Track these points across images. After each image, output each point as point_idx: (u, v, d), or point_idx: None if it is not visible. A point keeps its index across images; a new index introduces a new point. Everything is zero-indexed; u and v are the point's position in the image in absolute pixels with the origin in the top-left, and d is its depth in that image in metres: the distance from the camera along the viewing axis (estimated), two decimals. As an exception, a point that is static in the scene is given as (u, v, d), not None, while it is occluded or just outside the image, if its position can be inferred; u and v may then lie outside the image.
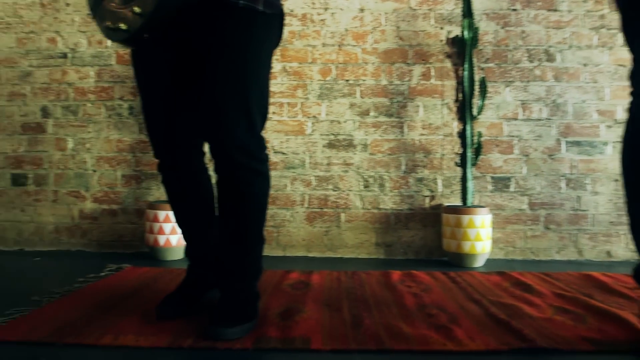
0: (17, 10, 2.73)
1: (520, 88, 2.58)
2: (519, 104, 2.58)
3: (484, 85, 2.38)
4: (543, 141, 2.58)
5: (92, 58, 2.69)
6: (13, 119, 2.72)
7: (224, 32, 1.26)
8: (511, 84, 2.58)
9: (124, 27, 1.23)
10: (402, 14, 2.60)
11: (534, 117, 2.58)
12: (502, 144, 2.57)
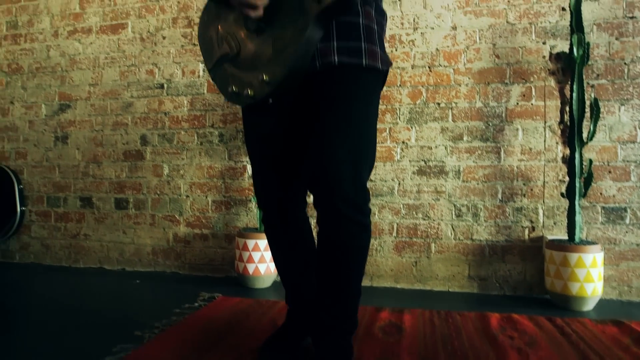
0: (120, 46, 2.92)
1: (637, 107, 2.29)
2: (636, 125, 2.29)
3: (596, 106, 2.13)
4: (667, 166, 2.26)
5: (185, 88, 2.80)
6: (116, 147, 2.91)
7: (334, 87, 1.27)
8: (627, 102, 2.30)
9: (251, 93, 1.26)
10: (499, 30, 2.42)
11: (655, 139, 2.28)
12: (616, 170, 2.30)
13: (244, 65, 1.29)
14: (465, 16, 2.45)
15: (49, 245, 3.03)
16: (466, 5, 2.45)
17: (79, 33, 3.00)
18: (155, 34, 2.86)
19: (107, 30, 2.94)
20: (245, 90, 1.27)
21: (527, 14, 2.39)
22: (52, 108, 3.04)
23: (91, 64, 2.96)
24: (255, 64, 1.28)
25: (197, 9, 2.77)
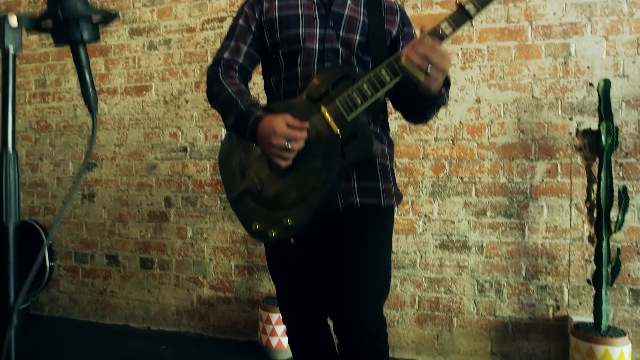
0: (144, 108, 2.96)
1: (669, 186, 2.23)
2: (667, 205, 2.24)
3: (625, 196, 2.09)
4: (698, 249, 2.21)
5: (208, 152, 2.83)
6: (141, 207, 2.97)
7: (356, 228, 1.36)
8: (657, 181, 2.25)
9: (274, 234, 1.33)
10: (524, 104, 2.38)
11: (686, 220, 2.22)
12: (644, 250, 2.25)
13: (267, 204, 1.36)
14: (489, 89, 2.42)
15: (77, 300, 3.11)
16: (490, 79, 2.42)
17: (104, 93, 3.05)
18: (178, 97, 2.89)
19: (132, 91, 2.99)
20: (270, 230, 1.33)
21: (553, 88, 2.35)
22: (79, 166, 3.11)
23: (116, 125, 3.02)
24: (278, 204, 1.34)
25: (219, 74, 2.79)
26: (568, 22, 2.33)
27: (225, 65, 1.45)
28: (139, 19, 2.98)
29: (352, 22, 1.41)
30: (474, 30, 2.43)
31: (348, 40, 1.40)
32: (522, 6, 2.38)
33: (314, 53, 1.39)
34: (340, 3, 1.42)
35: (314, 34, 1.40)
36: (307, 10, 1.42)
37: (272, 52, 1.46)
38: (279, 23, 1.42)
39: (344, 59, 1.40)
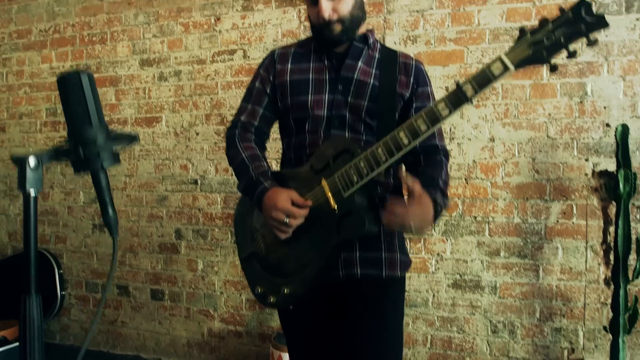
0: (154, 139, 2.96)
1: (687, 230, 2.20)
2: (685, 249, 2.20)
3: (643, 243, 2.06)
4: None
5: (219, 185, 2.83)
6: (152, 239, 2.97)
7: (360, 300, 1.37)
8: (675, 225, 2.21)
9: (273, 300, 1.38)
10: (539, 144, 2.35)
11: None
12: (661, 294, 2.22)
13: (270, 269, 1.40)
14: (503, 128, 2.39)
15: (88, 329, 3.12)
16: (505, 117, 2.39)
17: (115, 124, 3.05)
18: (188, 129, 2.88)
19: (142, 122, 2.99)
20: (269, 296, 1.37)
21: (569, 128, 2.32)
22: (89, 196, 3.12)
23: (127, 155, 3.02)
24: (279, 271, 1.40)
25: (230, 107, 2.78)
26: (584, 61, 2.29)
27: (242, 127, 1.48)
28: (149, 49, 2.98)
29: (361, 87, 1.39)
30: (488, 68, 2.40)
31: (356, 106, 1.39)
32: (538, 44, 2.34)
33: (322, 120, 1.39)
34: (350, 65, 1.41)
35: (323, 100, 1.40)
36: (317, 75, 1.42)
37: (284, 115, 1.47)
38: (290, 88, 1.43)
39: (350, 126, 1.39)
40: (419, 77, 1.45)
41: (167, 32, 2.94)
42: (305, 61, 1.45)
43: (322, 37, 1.38)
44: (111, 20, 3.07)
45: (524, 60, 1.08)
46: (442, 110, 1.14)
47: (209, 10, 2.85)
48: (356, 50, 1.42)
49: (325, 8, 1.32)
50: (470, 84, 1.11)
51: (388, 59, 1.45)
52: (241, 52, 2.78)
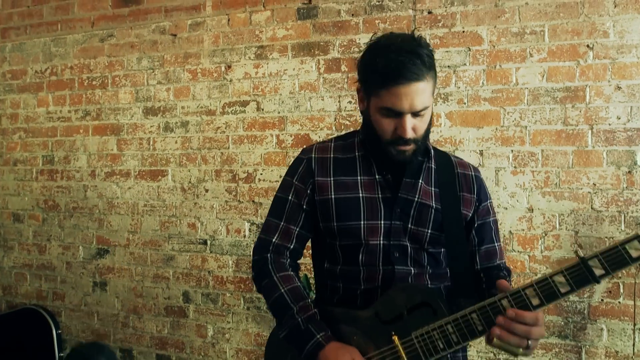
0: (160, 194, 2.75)
1: None
2: None
3: None
4: None
5: (230, 247, 2.62)
6: (157, 301, 2.76)
7: None
8: None
9: None
10: (583, 216, 2.16)
11: None
12: None
13: None
14: (543, 197, 2.20)
15: (89, 393, 2.92)
16: (545, 186, 2.20)
17: (116, 176, 2.84)
18: (197, 185, 2.68)
19: (146, 175, 2.78)
20: None
21: (616, 200, 2.13)
22: (89, 251, 2.91)
23: (130, 210, 2.81)
24: None
25: (242, 163, 2.58)
26: (634, 127, 2.10)
27: (275, 251, 1.27)
28: (153, 97, 2.76)
29: (423, 212, 1.20)
30: (526, 132, 2.20)
31: (418, 235, 1.20)
32: (582, 107, 2.14)
33: (378, 250, 1.19)
34: (410, 184, 1.20)
35: (378, 227, 1.19)
36: (369, 192, 1.21)
37: (327, 237, 1.26)
38: (336, 209, 1.21)
39: (412, 257, 1.20)
40: (480, 191, 1.27)
41: (174, 79, 2.72)
42: (351, 172, 1.23)
43: (387, 155, 1.16)
44: (112, 64, 2.85)
45: None
46: (560, 285, 0.98)
47: (219, 57, 2.64)
48: (415, 164, 1.21)
49: (409, 126, 1.10)
50: (599, 262, 0.95)
51: (444, 170, 1.25)
52: (254, 104, 2.58)
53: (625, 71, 2.09)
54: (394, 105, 1.08)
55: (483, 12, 2.23)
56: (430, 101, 1.12)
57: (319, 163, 1.26)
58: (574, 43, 2.13)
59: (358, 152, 1.26)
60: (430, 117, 1.15)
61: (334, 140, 1.33)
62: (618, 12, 2.08)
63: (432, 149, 1.29)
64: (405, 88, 1.06)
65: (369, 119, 1.18)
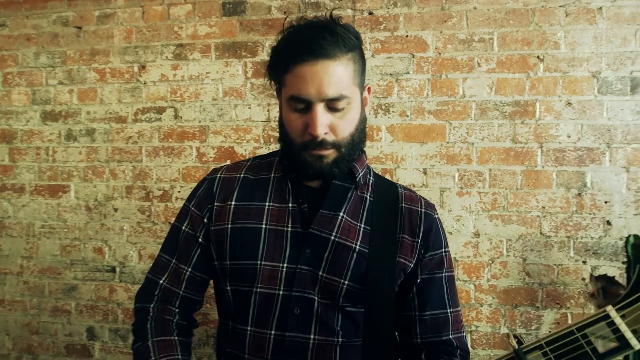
0: (60, 213, 2.35)
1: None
2: (690, 367, 1.92)
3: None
4: None
5: (143, 275, 2.27)
6: (57, 338, 2.36)
7: None
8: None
9: None
10: (531, 242, 1.99)
11: None
12: (665, 419, 1.92)
13: None
14: (490, 221, 2.01)
15: None
16: (492, 208, 2.01)
17: (8, 191, 2.41)
18: (104, 203, 2.30)
19: (44, 191, 2.37)
20: None
21: (565, 225, 1.97)
22: (-26, 281, 2.45)
23: (24, 231, 2.38)
24: None
25: (157, 179, 2.23)
26: (584, 146, 1.95)
27: (161, 299, 0.98)
28: (53, 99, 2.35)
29: (341, 255, 0.90)
30: (473, 149, 2.01)
31: (331, 286, 0.89)
32: (532, 124, 1.98)
33: (274, 303, 0.89)
34: (327, 218, 0.91)
35: (278, 271, 0.89)
36: (275, 224, 0.91)
37: (221, 281, 0.96)
38: (230, 242, 0.92)
39: (319, 318, 0.88)
40: (430, 236, 0.97)
41: (78, 79, 2.33)
42: (259, 197, 0.95)
43: (302, 164, 0.89)
44: (4, 59, 2.41)
45: None
46: None
47: (132, 55, 2.28)
48: (338, 191, 0.93)
49: (320, 119, 0.84)
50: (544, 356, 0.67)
51: (384, 203, 0.96)
52: (172, 111, 2.24)
53: (576, 86, 1.94)
54: (299, 90, 0.84)
55: (428, 16, 2.02)
56: (353, 93, 0.86)
57: (223, 185, 0.99)
58: (524, 53, 1.95)
59: (275, 173, 0.98)
60: (359, 118, 0.89)
61: (252, 160, 1.06)
62: (569, 22, 1.92)
63: (372, 176, 1.01)
64: (311, 67, 0.82)
65: (282, 124, 0.92)
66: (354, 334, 0.91)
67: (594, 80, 1.93)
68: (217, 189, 0.98)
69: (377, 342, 0.90)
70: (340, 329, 0.90)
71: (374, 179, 1.00)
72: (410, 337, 0.95)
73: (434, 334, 0.95)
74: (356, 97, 0.87)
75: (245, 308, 0.91)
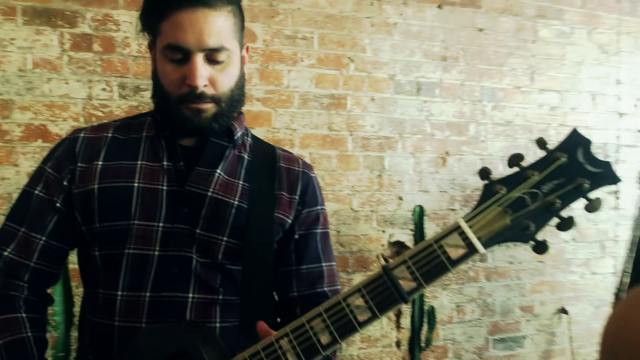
0: None
1: (455, 290, 2.51)
2: (454, 307, 2.51)
3: (433, 315, 2.24)
4: (474, 342, 2.56)
5: None
6: None
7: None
8: (447, 287, 2.50)
9: None
10: (344, 217, 2.32)
11: (467, 319, 2.54)
12: (437, 349, 2.48)
13: None
14: (311, 199, 2.28)
15: None
16: (312, 188, 2.28)
17: None
18: None
19: None
20: None
21: (370, 201, 2.36)
22: None
23: None
24: None
25: None
26: (383, 136, 2.37)
27: (6, 272, 0.87)
28: None
29: (219, 212, 0.89)
30: (296, 135, 2.24)
31: (210, 243, 0.88)
32: (344, 115, 2.30)
33: (150, 264, 0.86)
34: (203, 175, 0.90)
35: (154, 231, 0.86)
36: (148, 181, 0.88)
37: (90, 247, 0.90)
38: (99, 203, 0.87)
39: (198, 276, 0.87)
40: (307, 193, 0.98)
41: None
42: (131, 155, 0.91)
43: (179, 119, 0.87)
44: None
45: (497, 235, 0.70)
46: (358, 311, 0.71)
47: None
48: (215, 149, 0.92)
49: (200, 70, 0.83)
50: (408, 271, 0.70)
51: (263, 163, 0.97)
52: None
53: (378, 85, 2.33)
54: (177, 39, 0.82)
55: (258, 10, 2.16)
56: (234, 47, 0.87)
57: (88, 144, 0.92)
58: (339, 54, 2.26)
59: (147, 132, 0.94)
60: (238, 74, 0.90)
61: (120, 120, 1.00)
62: (374, 31, 2.30)
63: (250, 137, 1.01)
64: (190, 14, 0.81)
65: (156, 77, 0.90)
66: (234, 291, 0.92)
67: (391, 81, 2.36)
68: (80, 148, 0.90)
69: (255, 299, 0.92)
70: (221, 286, 0.90)
71: (252, 140, 1.01)
72: (287, 291, 0.96)
73: (309, 287, 0.96)
74: (236, 51, 0.89)
75: (116, 272, 0.86)
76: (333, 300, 0.72)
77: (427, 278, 0.70)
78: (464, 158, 2.53)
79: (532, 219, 0.69)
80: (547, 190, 0.68)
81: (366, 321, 0.71)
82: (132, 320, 0.85)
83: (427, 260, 0.70)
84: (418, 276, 0.70)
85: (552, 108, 2.69)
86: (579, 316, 2.79)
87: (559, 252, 2.75)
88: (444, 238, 0.69)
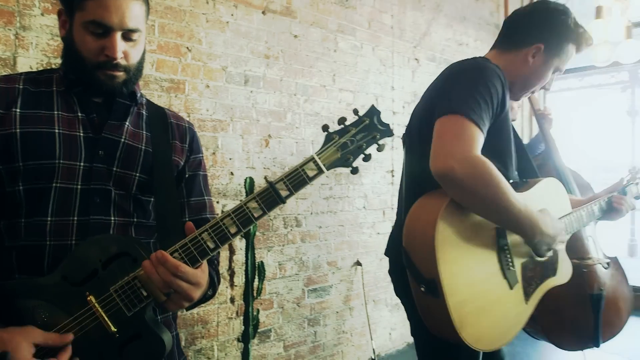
0: None
1: (278, 251, 3.02)
2: (277, 265, 3.01)
3: (263, 269, 2.69)
4: (293, 293, 3.10)
5: None
6: None
7: None
8: (271, 249, 2.99)
9: None
10: (183, 189, 2.60)
11: (287, 274, 3.07)
12: (265, 302, 2.95)
13: None
14: (153, 173, 2.49)
15: None
16: (154, 163, 2.50)
17: None
18: None
19: None
20: None
21: (206, 175, 2.68)
22: None
23: None
24: None
25: None
26: (217, 119, 2.72)
27: None
28: None
29: (130, 154, 1.13)
30: (138, 114, 2.43)
31: (125, 179, 1.12)
32: (183, 98, 2.58)
33: (75, 195, 1.06)
34: (115, 125, 1.13)
35: (77, 169, 1.07)
36: (67, 129, 1.08)
37: (7, 184, 1.04)
38: (22, 145, 1.03)
39: (117, 204, 1.11)
40: (193, 144, 1.27)
41: None
42: (46, 106, 1.08)
43: (93, 83, 1.08)
44: None
45: (334, 162, 1.09)
46: (254, 210, 1.03)
47: None
48: (121, 107, 1.16)
49: (119, 45, 1.04)
50: (284, 184, 1.05)
51: (158, 119, 1.23)
52: None
53: (213, 74, 2.68)
54: (103, 17, 1.03)
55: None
56: (144, 28, 1.12)
57: (1, 94, 1.06)
58: (178, 43, 2.54)
59: (57, 87, 1.12)
60: (143, 49, 1.16)
61: (24, 74, 1.14)
62: (209, 27, 2.65)
63: (144, 98, 1.27)
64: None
65: (72, 43, 1.08)
66: (145, 217, 1.18)
67: (223, 72, 2.73)
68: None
69: (168, 223, 1.16)
70: (134, 211, 1.15)
71: (147, 102, 1.26)
72: (182, 218, 1.22)
73: (197, 214, 1.23)
74: (144, 33, 1.15)
75: (44, 202, 1.03)
76: (237, 205, 1.06)
77: (295, 188, 1.06)
78: (282, 141, 3.05)
79: (351, 154, 1.10)
80: (359, 138, 1.11)
81: (259, 216, 1.04)
82: (65, 239, 1.05)
83: (296, 177, 1.07)
84: (290, 187, 1.05)
85: (348, 104, 3.43)
86: (369, 267, 3.60)
87: (354, 217, 3.51)
88: (304, 165, 1.09)
